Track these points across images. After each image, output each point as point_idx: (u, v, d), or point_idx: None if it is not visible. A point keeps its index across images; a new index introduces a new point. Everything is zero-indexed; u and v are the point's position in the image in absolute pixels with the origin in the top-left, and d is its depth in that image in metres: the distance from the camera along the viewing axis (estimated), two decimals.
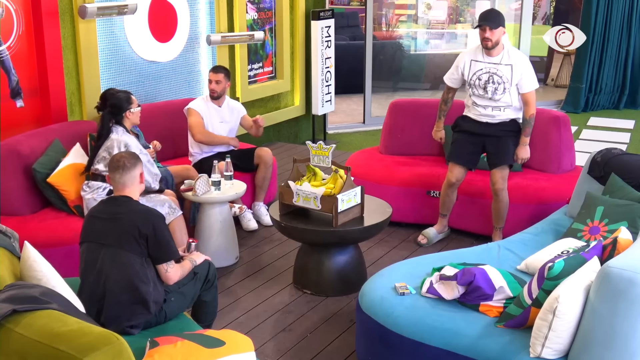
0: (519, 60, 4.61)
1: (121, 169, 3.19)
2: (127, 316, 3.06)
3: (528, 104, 4.64)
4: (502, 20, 4.55)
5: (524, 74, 4.60)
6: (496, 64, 4.61)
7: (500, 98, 4.64)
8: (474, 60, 4.71)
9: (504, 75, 4.59)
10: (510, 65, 4.58)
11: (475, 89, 4.71)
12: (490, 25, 4.48)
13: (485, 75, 4.64)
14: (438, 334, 3.03)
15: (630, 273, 2.53)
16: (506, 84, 4.59)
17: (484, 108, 4.72)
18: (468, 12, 12.20)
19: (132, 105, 4.55)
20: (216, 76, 5.33)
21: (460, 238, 5.19)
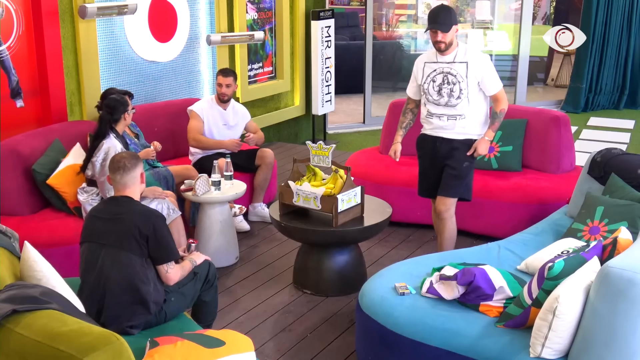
0: (475, 59, 4.12)
1: (122, 170, 3.19)
2: (127, 316, 3.06)
3: (498, 100, 4.17)
4: (454, 19, 4.08)
5: (485, 74, 4.11)
6: (450, 62, 4.14)
7: (457, 104, 4.12)
8: (427, 62, 4.23)
9: (458, 73, 4.10)
10: (466, 62, 4.10)
11: (429, 95, 4.20)
12: (441, 29, 4.02)
13: (440, 77, 4.15)
14: (438, 334, 3.03)
15: (630, 273, 2.53)
16: (462, 84, 4.08)
17: (439, 118, 4.19)
18: (468, 12, 12.20)
19: (129, 107, 4.54)
20: (226, 80, 5.31)
21: (460, 238, 5.18)
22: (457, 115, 4.15)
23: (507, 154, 5.28)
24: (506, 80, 10.10)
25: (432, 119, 4.22)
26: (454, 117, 4.16)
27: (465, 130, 4.18)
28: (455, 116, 4.16)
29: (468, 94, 4.11)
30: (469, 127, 4.18)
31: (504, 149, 5.29)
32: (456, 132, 4.19)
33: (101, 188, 4.27)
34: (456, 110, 4.14)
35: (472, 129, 4.19)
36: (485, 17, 11.45)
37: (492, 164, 5.30)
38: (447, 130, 4.20)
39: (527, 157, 5.34)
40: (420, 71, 4.25)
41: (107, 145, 4.30)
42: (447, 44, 4.08)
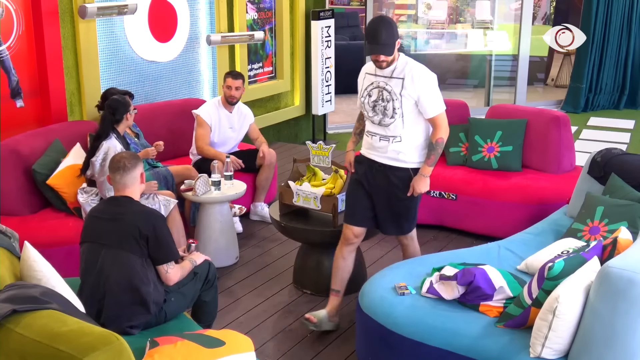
0: (414, 76, 3.57)
1: (122, 170, 3.19)
2: (127, 316, 3.06)
3: (436, 127, 3.64)
4: (396, 34, 3.54)
5: (422, 94, 3.56)
6: (387, 77, 3.62)
7: (390, 123, 3.60)
8: (368, 73, 3.73)
9: (392, 90, 3.58)
10: (402, 79, 3.56)
11: (365, 110, 3.71)
12: (385, 52, 3.50)
13: (375, 91, 3.64)
14: (438, 334, 3.03)
15: (630, 273, 2.53)
16: (395, 102, 3.56)
17: (372, 137, 3.70)
18: (468, 12, 12.20)
19: (130, 107, 4.53)
20: (236, 82, 5.30)
21: (460, 238, 5.19)
22: (390, 136, 3.63)
23: (507, 154, 5.28)
24: (506, 80, 10.10)
25: (367, 137, 3.76)
26: (387, 139, 3.64)
27: (399, 157, 3.65)
28: (388, 137, 3.64)
29: (403, 115, 3.59)
30: (404, 153, 3.65)
31: (504, 149, 5.30)
32: (389, 157, 3.66)
33: (100, 188, 4.27)
34: (390, 131, 3.63)
35: (408, 155, 3.65)
36: (485, 17, 11.45)
37: (492, 164, 5.30)
38: (380, 153, 3.69)
39: (527, 157, 5.34)
40: (361, 82, 3.76)
41: (107, 146, 4.30)
42: (388, 63, 3.58)
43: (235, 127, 5.43)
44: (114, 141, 4.35)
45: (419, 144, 3.68)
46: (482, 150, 5.34)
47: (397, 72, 3.59)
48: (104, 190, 4.22)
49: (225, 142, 5.43)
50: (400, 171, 3.66)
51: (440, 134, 3.62)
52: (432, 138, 3.64)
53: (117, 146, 4.32)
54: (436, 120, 3.63)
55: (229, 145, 5.48)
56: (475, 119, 5.59)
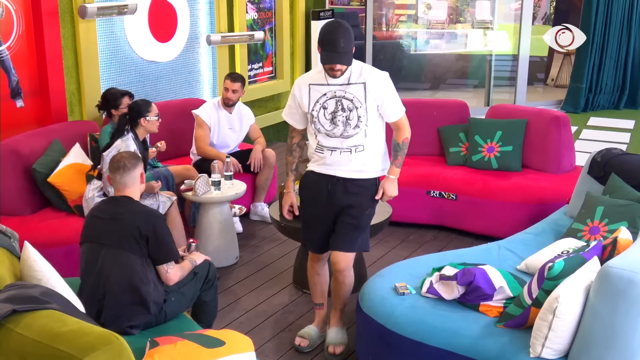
0: (374, 78, 3.34)
1: (122, 170, 3.19)
2: (127, 316, 3.06)
3: (400, 128, 3.48)
4: (353, 42, 3.26)
5: (386, 97, 3.36)
6: (343, 84, 3.31)
7: (354, 134, 3.34)
8: (314, 85, 3.36)
9: (355, 97, 3.31)
10: (363, 83, 3.31)
11: (320, 125, 3.36)
12: (344, 62, 3.21)
13: (332, 102, 3.32)
14: (438, 334, 3.03)
15: (630, 273, 2.53)
16: (359, 110, 3.30)
17: (331, 152, 3.39)
18: (468, 12, 12.20)
19: (149, 114, 4.42)
20: (234, 85, 5.30)
21: (460, 238, 5.19)
22: (353, 147, 3.37)
23: (507, 154, 5.28)
24: (506, 80, 10.10)
25: (323, 153, 3.41)
26: (349, 150, 3.37)
27: (364, 167, 3.42)
28: (350, 149, 3.37)
29: (367, 122, 3.33)
30: (368, 163, 3.42)
31: (504, 149, 5.30)
32: (352, 170, 3.41)
33: (105, 184, 4.27)
34: (352, 142, 3.36)
35: (371, 164, 3.44)
36: (485, 17, 11.45)
37: (492, 164, 5.30)
38: (342, 167, 3.40)
39: (527, 157, 5.34)
40: (306, 96, 3.38)
41: (121, 143, 4.28)
42: (344, 71, 3.29)
43: (235, 128, 5.43)
44: (129, 141, 4.31)
45: (381, 150, 3.48)
46: (482, 150, 5.34)
47: (355, 77, 3.31)
48: (108, 187, 4.21)
49: (225, 143, 5.43)
50: (364, 181, 3.44)
51: (405, 134, 3.48)
52: (397, 139, 3.47)
53: (130, 146, 4.29)
54: (400, 123, 3.46)
55: (229, 146, 5.48)
56: (475, 119, 5.59)
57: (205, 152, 5.25)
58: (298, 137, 3.59)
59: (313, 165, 3.50)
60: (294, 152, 3.61)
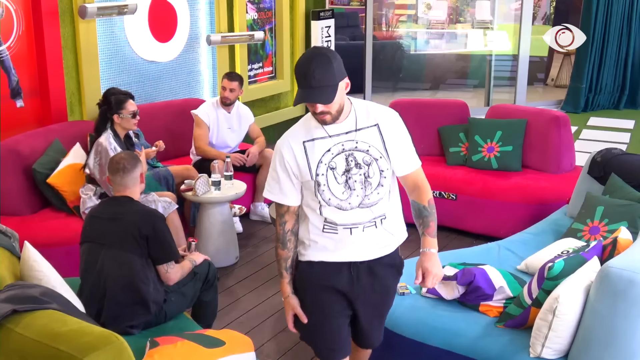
0: (387, 117, 2.56)
1: (121, 172, 3.19)
2: (127, 316, 3.06)
3: (419, 186, 2.64)
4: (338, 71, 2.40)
5: (402, 142, 2.57)
6: (350, 131, 2.49)
7: (377, 199, 2.53)
8: (309, 141, 2.49)
9: (371, 145, 2.49)
10: (376, 125, 2.52)
11: (331, 194, 2.48)
12: (322, 100, 2.37)
13: (341, 159, 2.48)
14: (438, 334, 3.03)
15: (630, 273, 2.53)
16: (380, 162, 2.49)
17: (350, 230, 2.52)
18: (468, 12, 12.20)
19: (122, 111, 4.40)
20: (231, 84, 5.30)
21: (460, 238, 5.19)
22: (376, 218, 2.55)
23: (507, 154, 5.28)
24: (506, 80, 10.10)
25: (335, 234, 2.53)
26: (374, 223, 2.54)
27: (390, 239, 2.63)
28: (375, 221, 2.54)
29: (390, 179, 2.57)
30: (394, 232, 2.64)
31: (504, 149, 5.30)
32: (379, 246, 2.59)
33: (105, 186, 4.27)
34: (377, 211, 2.54)
35: (397, 231, 2.66)
36: (485, 17, 11.45)
37: (492, 164, 5.30)
38: (366, 248, 2.56)
39: (527, 157, 5.34)
40: (302, 158, 2.48)
41: (99, 144, 4.28)
42: (334, 114, 2.44)
43: (233, 128, 5.43)
44: (108, 139, 4.30)
45: (400, 209, 2.69)
46: (482, 150, 5.34)
47: (363, 120, 2.51)
48: (109, 189, 4.21)
49: (225, 142, 5.43)
50: (391, 257, 2.66)
51: (429, 193, 2.65)
52: (419, 200, 2.63)
53: (111, 144, 4.27)
54: (419, 175, 2.65)
55: (229, 146, 5.48)
56: (475, 119, 5.59)
57: (205, 151, 5.25)
58: (292, 220, 2.58)
59: (317, 253, 2.57)
60: (289, 242, 2.60)
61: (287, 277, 2.63)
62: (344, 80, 2.43)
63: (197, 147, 5.29)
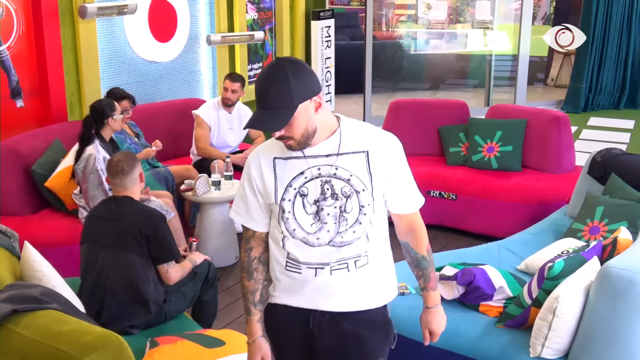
0: (382, 144, 2.08)
1: (120, 174, 3.19)
2: (127, 316, 3.06)
3: (416, 230, 2.21)
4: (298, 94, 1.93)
5: (400, 176, 2.12)
6: (331, 155, 2.04)
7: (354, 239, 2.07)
8: (280, 159, 2.08)
9: (353, 174, 2.04)
10: (364, 152, 2.04)
11: (296, 224, 2.07)
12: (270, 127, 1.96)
13: (314, 185, 2.05)
14: None
15: (630, 273, 2.53)
16: (362, 195, 2.04)
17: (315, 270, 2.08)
18: (468, 12, 12.21)
19: (115, 112, 4.37)
20: (233, 85, 5.29)
21: (460, 238, 5.19)
22: (351, 259, 2.08)
23: (507, 154, 5.28)
24: (506, 80, 10.10)
25: (299, 273, 2.10)
26: (345, 265, 2.08)
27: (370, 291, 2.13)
28: (347, 262, 2.08)
29: (373, 216, 2.08)
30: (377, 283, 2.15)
31: (504, 149, 5.30)
32: (350, 297, 2.11)
33: (85, 196, 4.20)
34: (351, 251, 2.08)
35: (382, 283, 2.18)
36: (485, 17, 11.45)
37: (492, 164, 5.30)
38: (332, 295, 2.09)
39: (527, 157, 5.34)
40: (270, 176, 2.08)
41: (89, 153, 4.19)
42: (299, 138, 1.99)
43: (234, 128, 5.43)
44: (96, 147, 4.21)
45: (390, 257, 2.24)
46: (482, 150, 5.34)
47: (350, 144, 2.04)
48: (89, 199, 4.15)
49: (225, 142, 5.43)
50: (370, 313, 2.14)
51: (426, 238, 2.25)
52: (417, 248, 2.22)
53: (100, 153, 4.20)
54: (418, 218, 2.22)
55: (229, 146, 5.48)
56: (475, 119, 5.60)
57: (206, 152, 5.25)
58: (260, 247, 2.19)
59: (280, 294, 2.16)
60: (255, 272, 2.20)
61: (255, 315, 2.20)
62: (311, 100, 1.96)
63: (199, 147, 5.29)
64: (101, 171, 4.12)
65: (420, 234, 2.23)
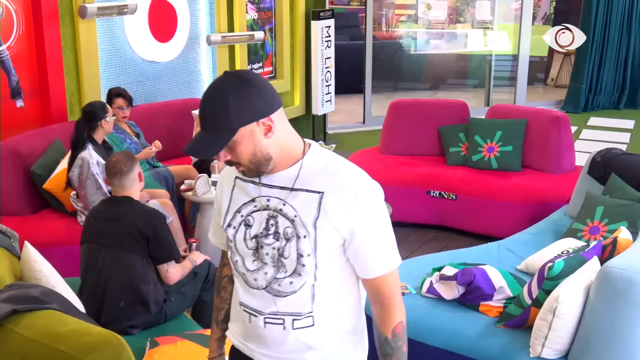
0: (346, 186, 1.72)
1: (119, 174, 3.19)
2: (128, 316, 3.06)
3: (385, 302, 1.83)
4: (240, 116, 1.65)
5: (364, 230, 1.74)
6: (285, 188, 1.75)
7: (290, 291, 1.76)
8: (241, 180, 1.83)
9: (298, 215, 1.73)
10: (319, 194, 1.72)
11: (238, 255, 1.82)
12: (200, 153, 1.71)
13: (262, 217, 1.77)
14: (438, 334, 3.03)
15: (630, 273, 2.53)
16: (302, 242, 1.72)
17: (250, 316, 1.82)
18: (468, 12, 12.21)
19: (107, 114, 4.35)
20: None
21: (460, 238, 5.19)
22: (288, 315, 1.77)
23: (507, 154, 5.28)
24: (506, 80, 10.10)
25: (242, 314, 1.86)
26: (281, 321, 1.78)
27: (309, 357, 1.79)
28: (283, 318, 1.77)
29: (317, 268, 1.73)
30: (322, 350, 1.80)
31: (504, 149, 5.30)
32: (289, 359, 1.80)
33: (84, 202, 4.19)
34: (289, 305, 1.77)
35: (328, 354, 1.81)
36: (485, 17, 11.46)
37: (492, 164, 5.30)
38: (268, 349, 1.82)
39: (527, 157, 5.34)
40: (227, 196, 1.86)
41: (82, 158, 4.15)
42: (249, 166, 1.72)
43: None
44: (89, 152, 4.18)
45: (349, 327, 1.86)
46: (482, 150, 5.34)
47: (308, 179, 1.74)
48: (88, 204, 4.14)
49: None
50: None
51: (398, 316, 1.83)
52: (383, 327, 1.83)
53: (92, 157, 4.17)
54: (387, 285, 1.81)
55: None
56: (475, 119, 5.60)
57: None
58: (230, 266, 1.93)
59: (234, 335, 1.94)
60: (224, 290, 2.03)
61: (215, 333, 2.04)
62: (258, 123, 1.67)
63: None
64: (97, 175, 4.11)
65: (388, 308, 1.78)
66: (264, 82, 1.71)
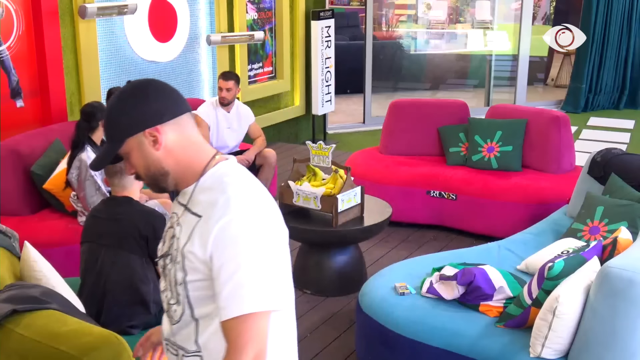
0: (219, 212, 1.53)
1: (119, 174, 3.19)
2: (127, 316, 3.06)
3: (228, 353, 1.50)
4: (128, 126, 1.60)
5: (219, 253, 1.51)
6: (184, 205, 1.65)
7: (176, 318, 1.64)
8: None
9: (178, 237, 1.62)
10: (200, 217, 1.57)
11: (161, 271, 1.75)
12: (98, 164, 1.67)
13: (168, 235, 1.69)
14: (438, 334, 3.03)
15: (630, 273, 2.53)
16: (177, 268, 1.60)
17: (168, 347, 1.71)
18: (468, 12, 12.21)
19: None
20: (227, 84, 5.28)
21: (460, 238, 5.19)
22: (180, 348, 1.65)
23: (507, 154, 5.28)
24: (506, 80, 10.10)
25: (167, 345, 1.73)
26: (175, 352, 1.67)
27: None
28: (177, 350, 1.67)
29: (189, 300, 1.60)
30: None
31: (504, 149, 5.30)
32: None
33: (84, 203, 4.18)
34: (180, 337, 1.65)
35: None
36: (485, 17, 11.46)
37: (492, 164, 5.30)
38: None
39: (527, 157, 5.34)
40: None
41: (80, 160, 4.14)
42: (148, 180, 1.67)
43: (233, 127, 5.42)
44: (87, 153, 4.16)
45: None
46: (482, 150, 5.34)
47: (197, 201, 1.62)
48: (87, 205, 4.14)
49: (225, 142, 5.43)
50: None
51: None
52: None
53: (90, 159, 4.12)
54: (231, 332, 1.50)
55: (228, 145, 5.48)
56: (475, 119, 5.60)
57: None
58: None
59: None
60: None
61: None
62: (145, 134, 1.59)
63: None
64: (95, 176, 4.10)
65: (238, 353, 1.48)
66: (160, 91, 1.61)
